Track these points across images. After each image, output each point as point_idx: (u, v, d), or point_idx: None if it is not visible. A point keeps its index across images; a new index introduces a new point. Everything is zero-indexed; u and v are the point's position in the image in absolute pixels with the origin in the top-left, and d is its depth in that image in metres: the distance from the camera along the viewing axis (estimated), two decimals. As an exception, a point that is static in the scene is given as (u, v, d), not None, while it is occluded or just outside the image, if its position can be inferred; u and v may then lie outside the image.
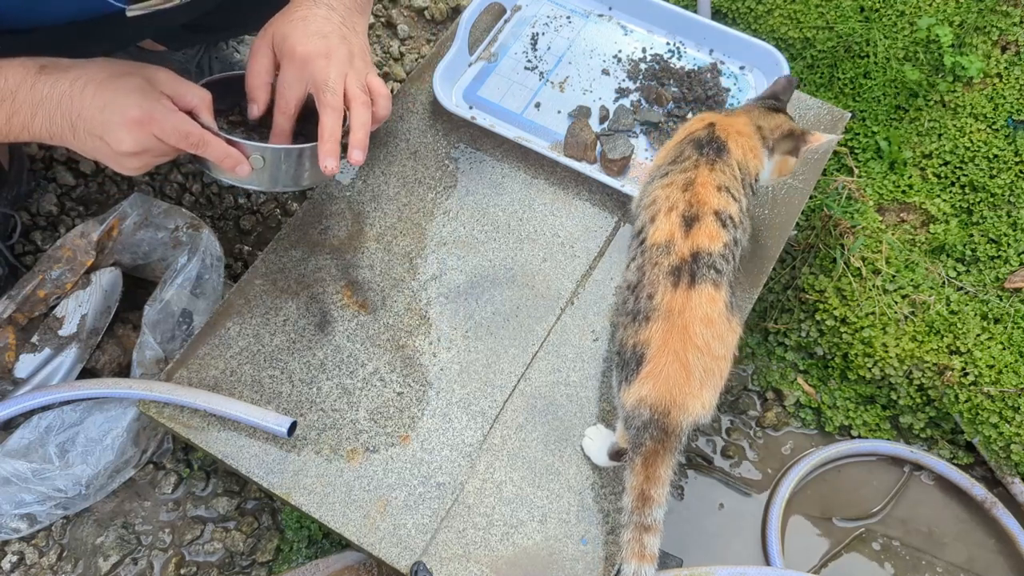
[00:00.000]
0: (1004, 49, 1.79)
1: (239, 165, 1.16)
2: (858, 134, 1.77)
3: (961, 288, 1.56)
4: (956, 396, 1.44)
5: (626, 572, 1.10)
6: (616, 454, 1.19)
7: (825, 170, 1.67)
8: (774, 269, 1.56)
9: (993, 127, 1.69)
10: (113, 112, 1.06)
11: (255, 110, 1.23)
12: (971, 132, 1.69)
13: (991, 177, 1.65)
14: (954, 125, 1.71)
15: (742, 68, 1.59)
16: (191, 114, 1.14)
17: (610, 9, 1.65)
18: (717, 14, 1.90)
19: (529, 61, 1.59)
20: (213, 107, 1.19)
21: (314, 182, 1.31)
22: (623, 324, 1.15)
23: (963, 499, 1.48)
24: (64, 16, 1.16)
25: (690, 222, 1.14)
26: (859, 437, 1.52)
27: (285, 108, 1.22)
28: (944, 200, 1.65)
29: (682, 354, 1.08)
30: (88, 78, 1.07)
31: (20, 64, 1.05)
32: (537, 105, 1.54)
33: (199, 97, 1.15)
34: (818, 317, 1.54)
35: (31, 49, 1.09)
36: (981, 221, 1.62)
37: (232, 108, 1.31)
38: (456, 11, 1.99)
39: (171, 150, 1.13)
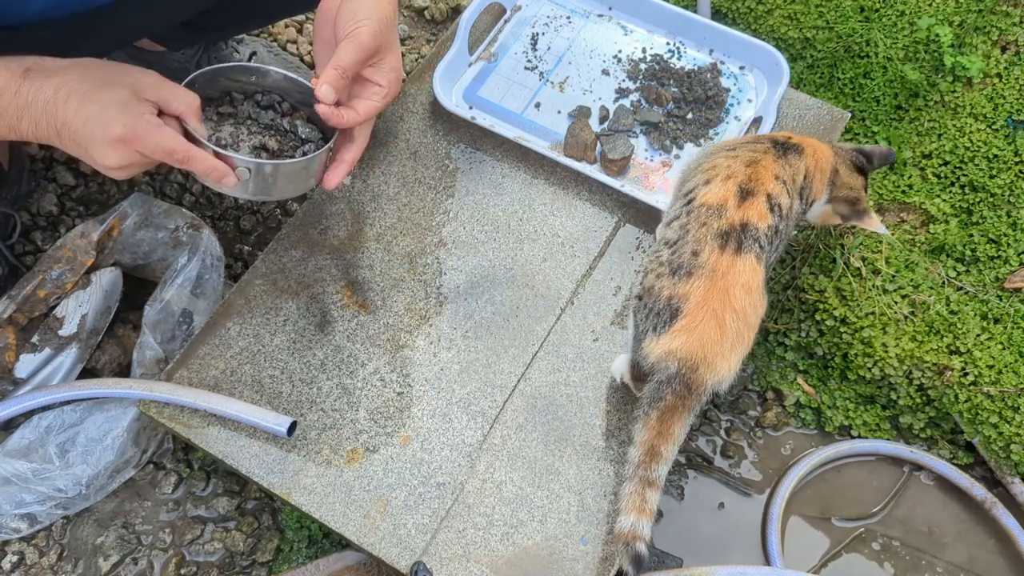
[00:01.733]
0: (1004, 49, 1.79)
1: (225, 178, 1.15)
2: (858, 134, 1.77)
3: (961, 288, 1.56)
4: (956, 396, 1.44)
5: (623, 524, 1.10)
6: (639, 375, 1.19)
7: (825, 170, 1.67)
8: (774, 269, 1.56)
9: (993, 127, 1.69)
10: (95, 127, 1.05)
11: (332, 96, 1.17)
12: (971, 132, 1.69)
13: (991, 177, 1.64)
14: (954, 125, 1.71)
15: (742, 68, 1.59)
16: (179, 119, 1.13)
17: (610, 9, 1.65)
18: (717, 14, 1.89)
19: (529, 61, 1.60)
20: (204, 97, 1.18)
21: (301, 191, 1.30)
22: (657, 272, 1.15)
23: (963, 499, 1.48)
24: (54, 11, 1.15)
25: (745, 194, 1.16)
26: (859, 437, 1.52)
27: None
28: (944, 200, 1.65)
29: (720, 314, 1.09)
30: (71, 88, 1.05)
31: (4, 67, 1.04)
32: (537, 105, 1.54)
33: (186, 103, 1.13)
34: (818, 317, 1.54)
35: (26, 49, 1.09)
36: (981, 221, 1.62)
37: (222, 98, 1.29)
38: (456, 11, 1.99)
39: (157, 161, 1.12)
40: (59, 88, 1.05)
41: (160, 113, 1.12)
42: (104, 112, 1.05)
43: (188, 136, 1.15)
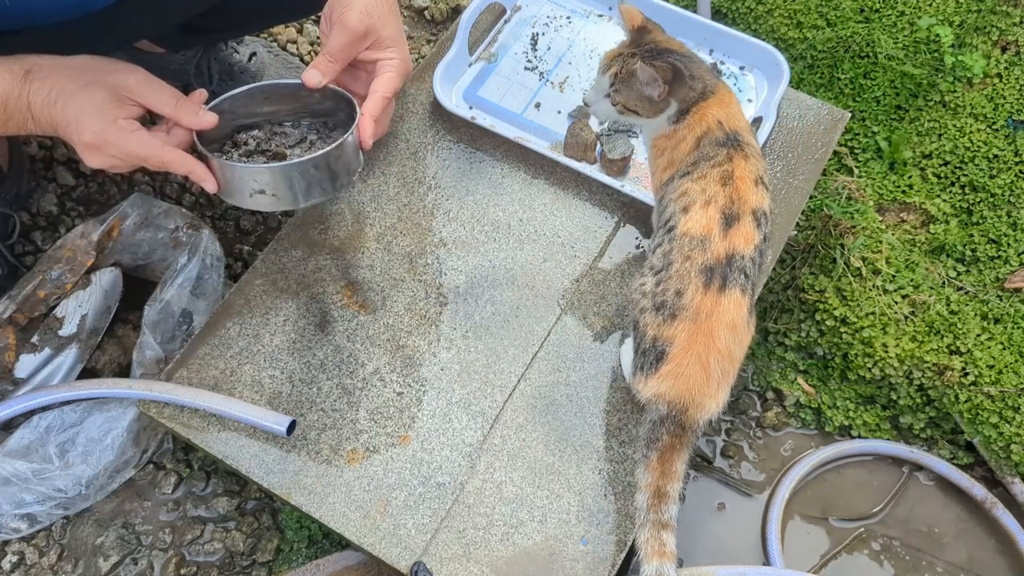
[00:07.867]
0: (1004, 49, 1.79)
1: (204, 182, 1.16)
2: (858, 134, 1.77)
3: (961, 288, 1.56)
4: (956, 396, 1.44)
5: (648, 572, 1.10)
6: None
7: (825, 170, 1.67)
8: (774, 269, 1.56)
9: (993, 127, 1.69)
10: (73, 131, 1.09)
11: (318, 79, 1.21)
12: (971, 132, 1.69)
13: (991, 177, 1.65)
14: (954, 125, 1.71)
15: (742, 68, 1.59)
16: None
17: (610, 9, 1.65)
18: (717, 14, 1.89)
19: (529, 61, 1.59)
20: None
21: (328, 194, 1.26)
22: (641, 307, 1.14)
23: (963, 499, 1.48)
24: (51, 14, 1.16)
25: (730, 221, 1.11)
26: (859, 437, 1.52)
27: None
28: (944, 200, 1.65)
29: (704, 357, 1.09)
30: (60, 88, 1.08)
31: (7, 70, 1.07)
32: (537, 105, 1.54)
33: (168, 105, 1.14)
34: (818, 317, 1.54)
35: (23, 51, 1.10)
36: (981, 221, 1.62)
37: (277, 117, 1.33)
38: (456, 11, 1.99)
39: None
40: (52, 88, 1.08)
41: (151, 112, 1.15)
42: (80, 116, 1.08)
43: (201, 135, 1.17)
